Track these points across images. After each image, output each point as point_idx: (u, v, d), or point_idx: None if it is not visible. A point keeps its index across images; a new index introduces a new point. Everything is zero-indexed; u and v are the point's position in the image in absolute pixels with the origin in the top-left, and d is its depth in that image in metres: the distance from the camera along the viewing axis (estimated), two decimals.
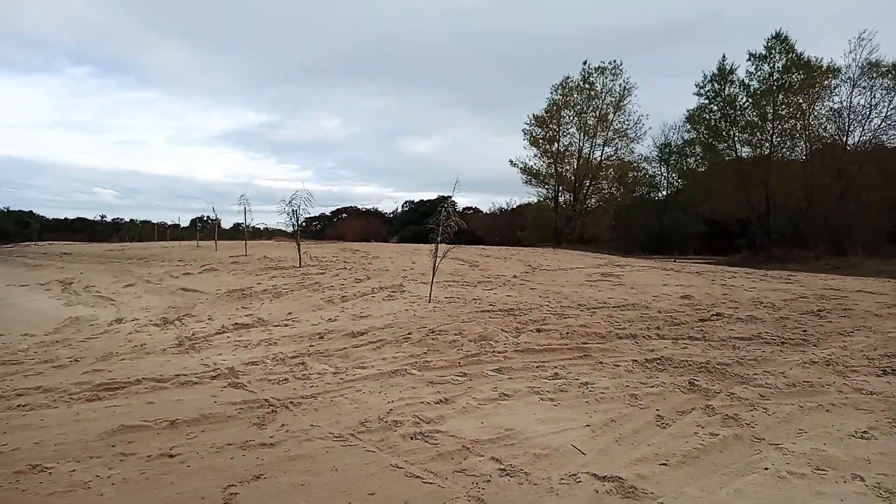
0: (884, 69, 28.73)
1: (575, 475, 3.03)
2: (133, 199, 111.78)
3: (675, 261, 26.08)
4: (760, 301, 9.48)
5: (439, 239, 9.11)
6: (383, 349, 6.08)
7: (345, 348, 6.20)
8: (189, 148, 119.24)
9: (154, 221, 53.68)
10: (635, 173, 43.43)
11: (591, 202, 41.47)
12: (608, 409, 4.06)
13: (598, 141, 39.50)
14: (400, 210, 73.88)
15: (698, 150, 37.54)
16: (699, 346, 6.10)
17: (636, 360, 5.36)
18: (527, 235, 41.38)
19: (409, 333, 6.66)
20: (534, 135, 40.52)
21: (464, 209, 71.62)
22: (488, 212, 65.18)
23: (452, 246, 9.59)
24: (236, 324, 8.04)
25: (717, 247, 40.30)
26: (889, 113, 29.17)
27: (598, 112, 38.86)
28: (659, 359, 5.38)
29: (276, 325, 7.81)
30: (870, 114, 29.63)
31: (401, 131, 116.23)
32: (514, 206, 52.89)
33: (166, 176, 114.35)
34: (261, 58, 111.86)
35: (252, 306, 9.49)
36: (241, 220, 21.09)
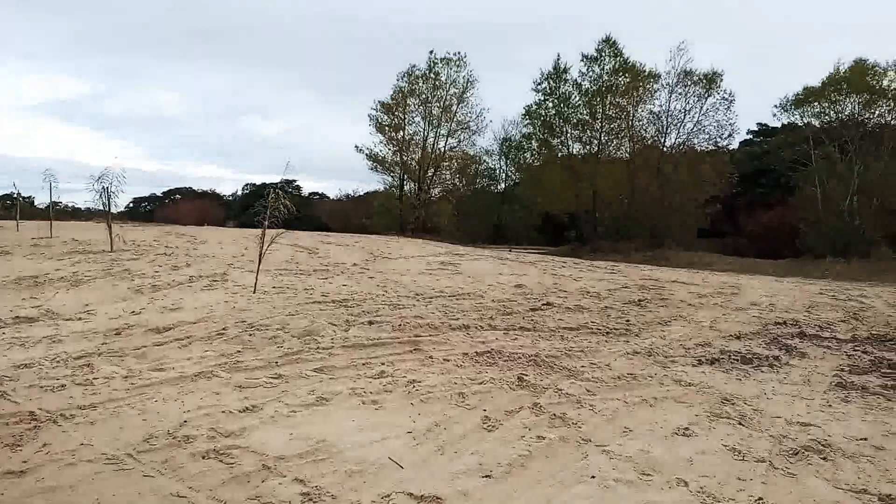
0: (696, 78, 31.85)
1: (388, 496, 2.64)
2: None
3: (510, 251, 27.02)
4: (587, 291, 9.83)
5: (267, 224, 8.37)
6: (190, 347, 5.32)
7: (144, 346, 5.35)
8: None
9: None
10: (477, 165, 44.58)
11: (435, 192, 41.92)
12: (434, 410, 3.74)
13: (443, 131, 39.91)
14: (240, 193, 70.06)
15: (534, 145, 39.31)
16: (529, 336, 6.05)
17: (467, 354, 5.13)
18: (373, 223, 40.94)
19: (224, 328, 5.94)
20: (380, 121, 40.04)
21: (310, 194, 69.64)
22: (335, 198, 63.98)
23: (282, 231, 8.89)
24: (17, 317, 6.77)
25: (551, 238, 42.71)
26: (700, 118, 32.43)
27: (442, 102, 39.23)
28: (489, 352, 5.20)
29: (66, 319, 6.67)
30: (684, 118, 32.77)
31: (244, 111, 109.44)
32: (362, 194, 52.24)
33: None
34: (84, 22, 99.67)
35: (43, 296, 8.12)
36: (57, 198, 18.37)
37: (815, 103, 29.71)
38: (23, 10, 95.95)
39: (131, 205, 73.10)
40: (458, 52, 38.62)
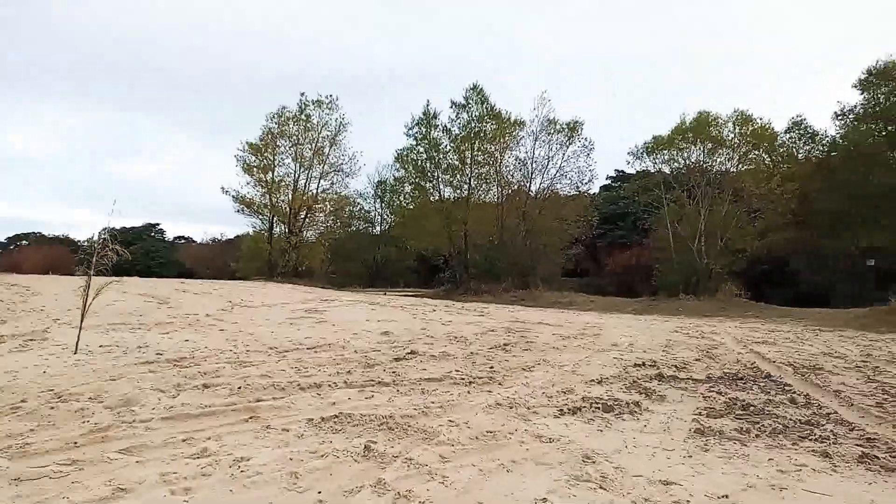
0: (559, 126, 33.70)
1: None
2: None
3: (385, 294, 26.61)
4: (455, 336, 9.54)
5: (92, 272, 7.36)
6: None
7: None
8: None
9: None
10: (351, 208, 44.11)
11: (308, 234, 40.76)
12: (256, 498, 3.13)
13: (315, 174, 39.11)
14: (98, 238, 64.69)
15: (407, 188, 39.65)
16: (387, 393, 5.56)
17: (311, 420, 4.55)
18: (241, 268, 39.01)
19: (22, 401, 4.94)
20: (247, 162, 38.51)
21: (174, 238, 65.85)
22: (202, 241, 61.23)
23: (112, 279, 7.84)
24: None
25: (426, 280, 42.95)
26: (562, 164, 34.29)
27: (314, 144, 38.50)
28: (337, 416, 4.64)
29: None
30: (548, 164, 34.52)
31: (107, 152, 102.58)
32: (230, 238, 50.13)
33: None
34: None
35: None
36: None
37: (665, 151, 32.16)
38: None
39: None
40: (330, 95, 38.30)
